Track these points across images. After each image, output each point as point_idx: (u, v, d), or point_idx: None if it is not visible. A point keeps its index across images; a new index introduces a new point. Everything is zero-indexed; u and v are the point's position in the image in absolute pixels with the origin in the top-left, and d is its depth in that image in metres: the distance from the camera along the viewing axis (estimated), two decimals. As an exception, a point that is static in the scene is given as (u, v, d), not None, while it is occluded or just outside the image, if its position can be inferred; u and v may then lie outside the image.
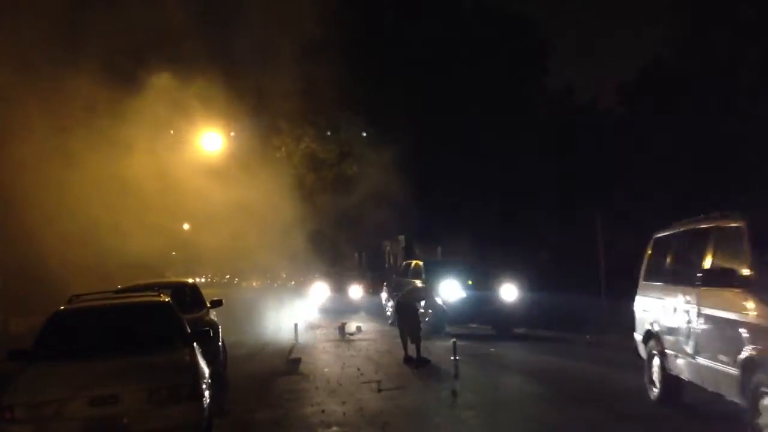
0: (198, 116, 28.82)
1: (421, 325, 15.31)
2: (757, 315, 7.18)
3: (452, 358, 11.87)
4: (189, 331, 9.29)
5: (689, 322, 8.65)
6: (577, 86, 50.18)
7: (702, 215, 9.08)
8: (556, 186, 29.98)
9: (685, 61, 25.84)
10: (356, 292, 30.28)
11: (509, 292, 20.74)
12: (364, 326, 22.47)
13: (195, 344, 9.00)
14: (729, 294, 7.65)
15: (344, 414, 10.19)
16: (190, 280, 17.38)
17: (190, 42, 26.84)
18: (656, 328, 9.86)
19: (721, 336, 7.89)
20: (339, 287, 31.41)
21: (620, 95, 30.81)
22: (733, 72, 24.42)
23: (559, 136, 31.90)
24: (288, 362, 15.44)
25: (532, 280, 23.13)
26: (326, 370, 14.58)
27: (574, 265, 25.22)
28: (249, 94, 40.17)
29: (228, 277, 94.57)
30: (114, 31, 23.28)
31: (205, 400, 8.04)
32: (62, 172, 23.93)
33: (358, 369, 14.39)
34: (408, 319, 15.20)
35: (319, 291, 31.27)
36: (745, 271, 7.51)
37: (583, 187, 28.13)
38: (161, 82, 26.36)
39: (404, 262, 25.38)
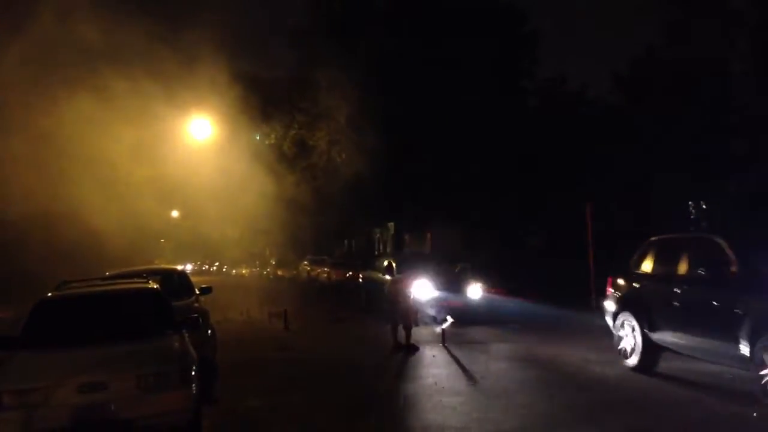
0: (187, 103, 28.64)
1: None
2: None
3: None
4: (178, 318, 9.26)
5: None
6: (570, 76, 50.13)
7: None
8: (546, 172, 29.98)
9: (676, 51, 25.87)
10: (476, 291, 19.99)
11: None
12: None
13: (184, 331, 8.96)
14: None
15: (333, 400, 10.20)
16: (179, 267, 17.33)
17: (179, 28, 26.65)
18: None
19: None
20: (449, 284, 20.03)
21: (613, 84, 30.77)
22: (724, 61, 24.48)
23: (550, 123, 31.90)
24: (277, 349, 15.43)
25: None
26: (316, 356, 14.59)
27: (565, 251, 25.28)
28: (238, 80, 40.07)
29: (217, 264, 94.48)
30: (100, 16, 23.08)
31: (194, 387, 8.00)
32: (49, 159, 23.80)
33: (348, 355, 14.42)
34: (400, 307, 15.19)
35: (423, 290, 18.61)
36: None
37: (574, 174, 28.14)
38: (149, 67, 26.17)
39: (671, 238, 12.31)
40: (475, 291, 19.81)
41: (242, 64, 40.50)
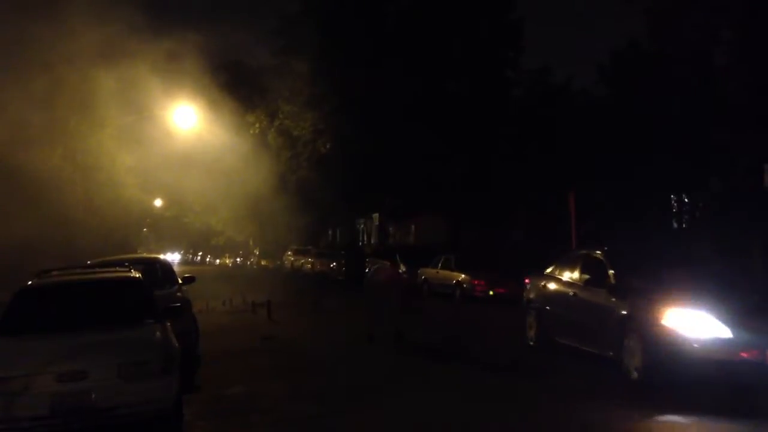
0: (171, 91, 28.44)
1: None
2: None
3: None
4: (160, 306, 9.22)
5: None
6: (554, 68, 50.15)
7: None
8: (530, 164, 30.02)
9: (660, 42, 25.94)
10: None
11: None
12: None
13: (166, 320, 8.93)
14: None
15: (316, 389, 10.21)
16: (162, 256, 17.28)
17: (164, 15, 26.48)
18: None
19: None
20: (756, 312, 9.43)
21: (598, 75, 30.80)
22: (708, 53, 24.57)
23: (535, 114, 31.95)
24: (260, 338, 15.42)
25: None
26: (299, 346, 14.60)
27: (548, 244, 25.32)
28: (223, 69, 39.89)
29: (201, 254, 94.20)
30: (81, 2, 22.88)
31: (176, 376, 7.99)
32: (32, 148, 23.62)
33: (331, 345, 14.46)
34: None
35: (696, 326, 9.05)
36: None
37: (559, 166, 28.18)
38: (133, 55, 25.98)
39: None
40: None
41: (228, 52, 40.31)
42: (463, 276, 24.07)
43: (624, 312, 10.06)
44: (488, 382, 10.36)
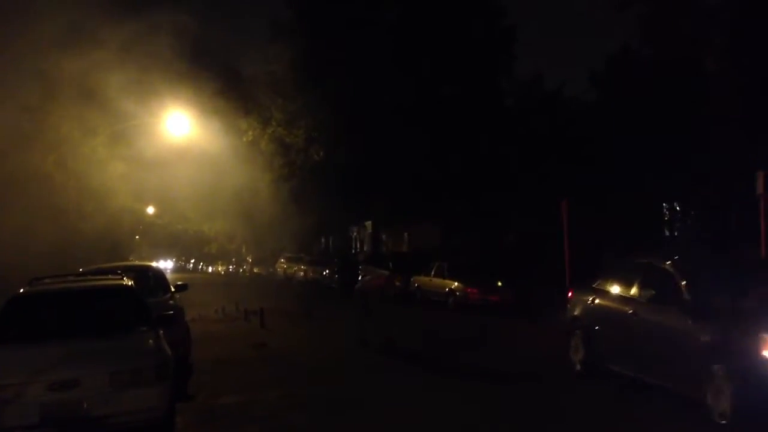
0: (164, 98, 28.38)
1: None
2: None
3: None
4: (152, 314, 9.18)
5: None
6: (546, 76, 50.31)
7: None
8: (522, 170, 30.03)
9: (653, 47, 26.04)
10: None
11: None
12: None
13: (158, 328, 8.89)
14: None
15: (309, 398, 10.17)
16: (154, 264, 17.24)
17: (155, 22, 26.46)
18: None
19: None
20: None
21: (590, 81, 30.89)
22: (700, 59, 24.68)
23: (526, 119, 31.99)
24: (253, 347, 15.37)
25: None
26: (292, 354, 14.56)
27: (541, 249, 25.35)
28: (217, 76, 39.81)
29: (193, 261, 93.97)
30: (75, 9, 22.84)
31: (168, 384, 7.94)
32: (25, 154, 23.55)
33: (324, 353, 14.41)
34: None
35: None
36: None
37: (549, 170, 28.20)
38: (126, 62, 25.93)
39: None
40: None
41: (222, 59, 40.19)
42: (456, 284, 24.00)
43: (706, 339, 8.03)
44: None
